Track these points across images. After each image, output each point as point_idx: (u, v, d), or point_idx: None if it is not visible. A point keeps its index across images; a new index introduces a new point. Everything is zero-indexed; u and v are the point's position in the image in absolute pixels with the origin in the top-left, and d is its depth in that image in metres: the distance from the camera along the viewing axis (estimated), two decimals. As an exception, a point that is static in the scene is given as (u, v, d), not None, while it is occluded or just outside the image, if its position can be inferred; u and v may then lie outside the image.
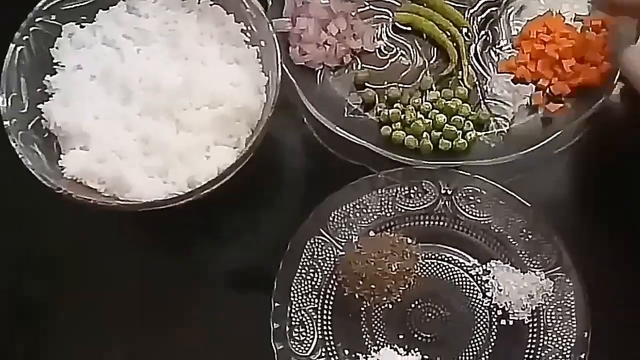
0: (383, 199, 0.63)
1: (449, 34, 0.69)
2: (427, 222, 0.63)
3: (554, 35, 0.67)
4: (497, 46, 0.69)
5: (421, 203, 0.63)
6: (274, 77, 0.59)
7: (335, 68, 0.68)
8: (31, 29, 0.61)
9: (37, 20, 0.61)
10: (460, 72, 0.68)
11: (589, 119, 0.65)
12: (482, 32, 0.69)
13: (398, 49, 0.69)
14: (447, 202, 0.63)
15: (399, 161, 0.64)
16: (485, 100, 0.68)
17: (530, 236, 0.61)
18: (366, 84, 0.68)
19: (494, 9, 0.70)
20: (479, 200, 0.62)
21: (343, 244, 0.62)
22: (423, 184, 0.63)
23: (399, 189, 0.63)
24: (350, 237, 0.62)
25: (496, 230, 0.62)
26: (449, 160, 0.64)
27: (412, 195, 0.63)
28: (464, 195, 0.63)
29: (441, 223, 0.63)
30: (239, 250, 0.65)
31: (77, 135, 0.60)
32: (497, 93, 0.68)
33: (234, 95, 0.60)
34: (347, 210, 0.62)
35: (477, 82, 0.68)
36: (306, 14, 0.68)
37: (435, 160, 0.64)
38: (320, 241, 0.62)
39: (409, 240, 0.62)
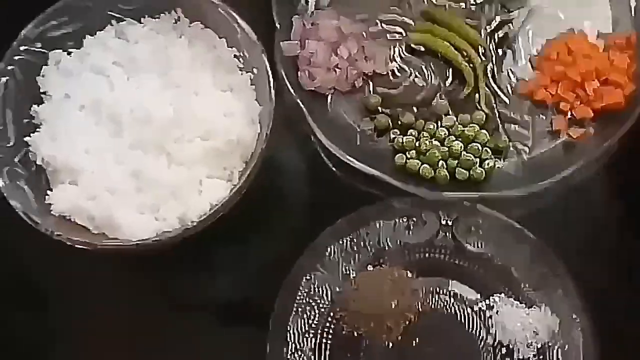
0: (381, 231, 0.61)
1: (465, 54, 0.66)
2: (427, 255, 0.61)
3: (576, 56, 0.64)
4: (515, 67, 0.66)
5: (421, 235, 0.61)
6: (268, 106, 0.57)
7: (347, 92, 0.66)
8: (16, 57, 0.59)
9: (22, 48, 0.59)
10: (477, 95, 0.65)
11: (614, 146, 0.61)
12: (500, 52, 0.67)
13: (412, 70, 0.67)
14: (447, 234, 0.61)
15: (411, 192, 0.61)
16: (504, 125, 0.65)
17: (535, 269, 0.59)
18: (379, 109, 0.65)
19: (511, 27, 0.67)
20: (481, 232, 0.60)
21: (340, 279, 0.60)
22: (423, 215, 0.61)
23: (397, 220, 0.61)
24: (348, 272, 0.60)
25: (500, 263, 0.60)
26: (466, 191, 0.61)
27: (411, 227, 0.61)
28: (466, 226, 0.60)
29: (442, 256, 0.61)
30: (232, 283, 0.63)
31: (66, 170, 0.58)
32: (516, 117, 0.65)
33: (228, 126, 0.58)
34: (344, 244, 0.60)
35: (494, 105, 0.65)
36: (315, 36, 0.65)
37: (451, 191, 0.61)
38: (316, 277, 0.59)
39: (409, 274, 0.60)
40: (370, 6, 0.68)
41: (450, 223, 0.61)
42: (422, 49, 0.67)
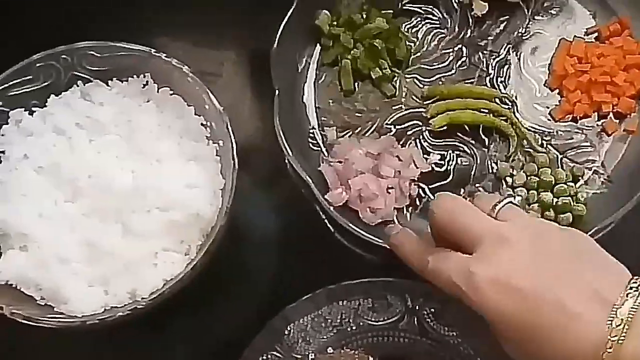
0: (344, 311, 0.58)
1: (487, 110, 0.65)
2: (391, 339, 0.58)
3: (591, 60, 0.65)
4: (537, 98, 0.66)
5: (385, 317, 0.58)
6: (231, 180, 0.56)
7: (407, 207, 0.63)
8: (-26, 116, 0.57)
9: (-19, 107, 0.58)
10: (524, 141, 0.65)
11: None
12: (513, 91, 0.67)
13: (449, 152, 0.65)
14: (413, 318, 0.58)
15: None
16: (565, 154, 0.65)
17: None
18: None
19: (511, 64, 0.67)
20: (447, 317, 0.58)
21: (299, 360, 0.57)
22: (387, 297, 0.59)
23: (361, 301, 0.59)
24: (307, 353, 0.58)
25: (466, 352, 0.58)
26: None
27: (375, 309, 0.59)
28: (432, 311, 0.58)
29: (406, 340, 0.58)
30: (190, 357, 0.61)
31: (17, 235, 0.55)
32: (571, 141, 0.65)
33: (189, 198, 0.56)
34: (305, 323, 0.58)
35: (543, 142, 0.65)
36: (353, 172, 0.62)
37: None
38: (274, 358, 0.57)
39: (371, 359, 0.57)
40: (369, 119, 0.66)
41: (416, 307, 0.59)
42: (444, 127, 0.65)
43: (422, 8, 0.69)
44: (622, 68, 0.65)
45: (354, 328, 0.58)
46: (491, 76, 0.67)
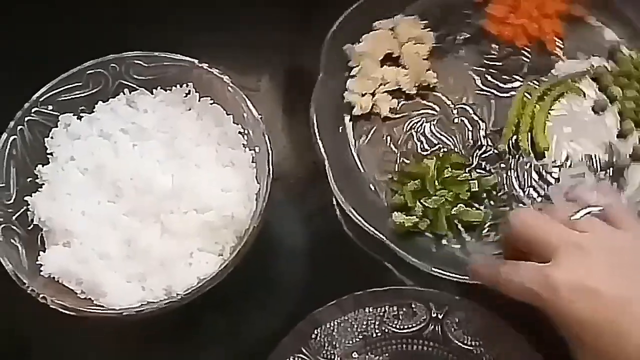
0: (370, 318, 0.60)
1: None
2: (415, 347, 0.60)
3: None
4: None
5: (410, 325, 0.60)
6: (265, 186, 0.58)
7: None
8: (26, 118, 0.61)
9: (33, 110, 0.61)
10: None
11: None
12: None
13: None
14: (437, 327, 0.60)
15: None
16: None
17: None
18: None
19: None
20: (471, 328, 0.59)
21: (324, 364, 0.59)
22: (413, 305, 0.60)
23: (387, 308, 0.60)
24: (333, 357, 0.59)
25: (489, 361, 0.59)
26: None
27: (400, 317, 0.60)
28: (456, 320, 0.59)
29: (430, 349, 0.59)
30: (218, 359, 0.62)
31: (61, 232, 0.58)
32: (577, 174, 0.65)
33: (224, 202, 0.59)
34: (331, 328, 0.59)
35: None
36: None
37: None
38: (299, 359, 0.59)
39: (394, 365, 0.59)
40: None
41: (440, 316, 0.60)
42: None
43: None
44: None
45: (379, 334, 0.60)
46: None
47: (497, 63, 0.71)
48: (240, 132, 0.62)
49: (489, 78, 0.70)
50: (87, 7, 0.75)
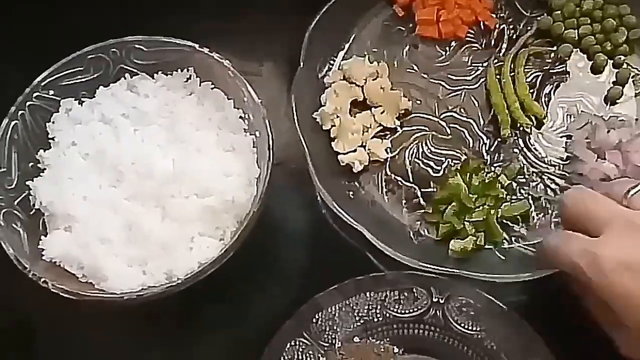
0: (371, 302, 0.60)
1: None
2: (416, 331, 0.60)
3: None
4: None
5: (411, 310, 0.60)
6: (265, 170, 0.58)
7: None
8: (28, 103, 0.61)
9: (34, 95, 0.61)
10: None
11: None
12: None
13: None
14: (438, 311, 0.59)
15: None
16: None
17: (526, 358, 0.57)
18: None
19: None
20: (472, 313, 0.59)
21: (325, 348, 0.59)
22: (414, 290, 0.60)
23: (388, 293, 0.60)
24: (334, 341, 0.59)
25: (489, 347, 0.58)
26: None
27: (402, 301, 0.60)
28: (457, 305, 0.59)
29: (431, 333, 0.59)
30: (219, 343, 0.62)
31: (62, 216, 0.59)
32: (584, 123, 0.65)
33: (225, 186, 0.59)
34: (332, 312, 0.59)
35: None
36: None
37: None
38: (301, 344, 0.58)
39: (395, 350, 0.59)
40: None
41: (441, 301, 0.60)
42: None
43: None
44: None
45: (380, 319, 0.60)
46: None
47: (450, 60, 0.70)
48: (241, 117, 0.62)
49: (453, 77, 0.70)
50: (89, -9, 0.75)
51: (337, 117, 0.67)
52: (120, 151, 0.60)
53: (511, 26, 0.71)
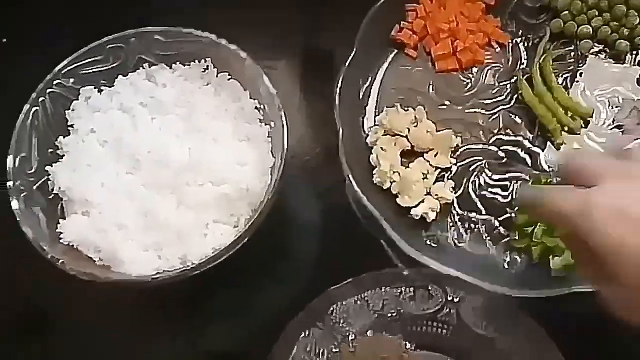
0: (386, 298, 0.59)
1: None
2: (429, 329, 0.59)
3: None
4: None
5: (426, 307, 0.59)
6: (280, 160, 0.58)
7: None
8: (48, 90, 0.62)
9: (55, 82, 0.62)
10: None
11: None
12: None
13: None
14: (452, 310, 0.59)
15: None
16: None
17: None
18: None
19: None
20: (486, 314, 0.58)
21: (339, 339, 0.58)
22: (430, 288, 0.59)
23: (404, 289, 0.59)
24: (348, 334, 0.59)
25: (501, 349, 0.57)
26: None
27: (417, 298, 0.59)
28: (472, 306, 0.58)
29: (444, 331, 0.59)
30: (230, 331, 0.62)
31: (80, 202, 0.59)
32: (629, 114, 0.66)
33: (240, 175, 0.59)
34: (347, 305, 0.59)
35: None
36: None
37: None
38: (315, 335, 0.58)
39: (408, 345, 0.58)
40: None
41: (456, 300, 0.59)
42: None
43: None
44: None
45: (394, 315, 0.59)
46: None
47: (478, 86, 0.69)
48: (256, 108, 0.62)
49: (486, 101, 0.69)
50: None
51: (394, 172, 0.65)
52: (138, 140, 0.61)
53: (523, 37, 0.71)
